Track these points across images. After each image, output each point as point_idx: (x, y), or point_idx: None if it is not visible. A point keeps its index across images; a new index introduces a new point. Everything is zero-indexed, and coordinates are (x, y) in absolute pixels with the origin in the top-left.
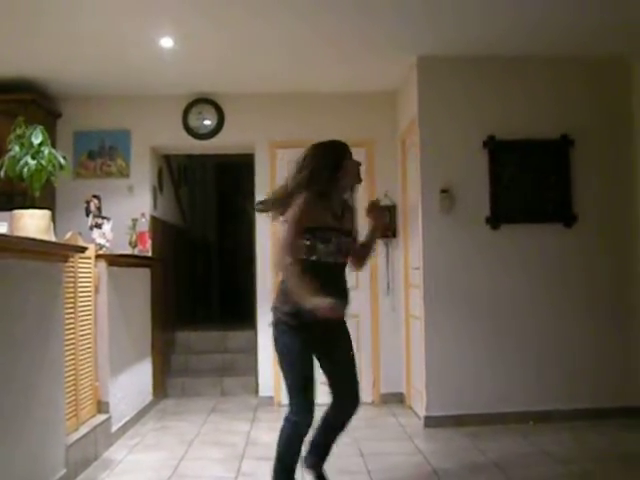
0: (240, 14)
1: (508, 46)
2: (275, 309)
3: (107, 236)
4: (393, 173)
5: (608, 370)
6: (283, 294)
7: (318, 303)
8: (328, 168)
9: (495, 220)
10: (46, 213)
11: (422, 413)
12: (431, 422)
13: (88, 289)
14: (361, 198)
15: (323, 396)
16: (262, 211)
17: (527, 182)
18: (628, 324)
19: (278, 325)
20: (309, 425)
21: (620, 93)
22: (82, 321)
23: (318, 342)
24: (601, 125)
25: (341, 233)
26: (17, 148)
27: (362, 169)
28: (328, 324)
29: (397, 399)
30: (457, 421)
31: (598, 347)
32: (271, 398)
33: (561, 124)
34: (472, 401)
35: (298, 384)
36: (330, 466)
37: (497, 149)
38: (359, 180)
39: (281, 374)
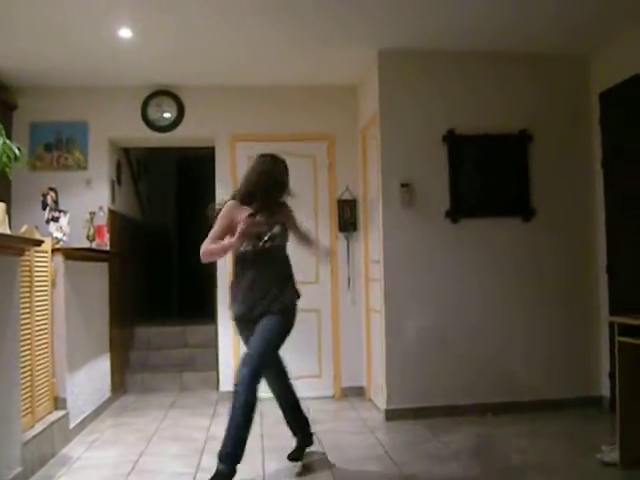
0: (200, 5)
1: (470, 41)
2: None
3: (64, 229)
4: (354, 167)
5: (564, 362)
6: None
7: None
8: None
9: (455, 214)
10: (0, 205)
11: (383, 406)
12: (392, 415)
13: (44, 283)
14: (324, 191)
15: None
16: None
17: (486, 176)
18: (584, 317)
19: None
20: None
21: (578, 89)
22: (38, 316)
23: (245, 326)
24: (559, 121)
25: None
26: None
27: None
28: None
29: (358, 392)
30: (417, 414)
31: (554, 340)
32: (231, 393)
33: (520, 119)
34: (432, 394)
35: None
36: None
37: (457, 143)
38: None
39: None
